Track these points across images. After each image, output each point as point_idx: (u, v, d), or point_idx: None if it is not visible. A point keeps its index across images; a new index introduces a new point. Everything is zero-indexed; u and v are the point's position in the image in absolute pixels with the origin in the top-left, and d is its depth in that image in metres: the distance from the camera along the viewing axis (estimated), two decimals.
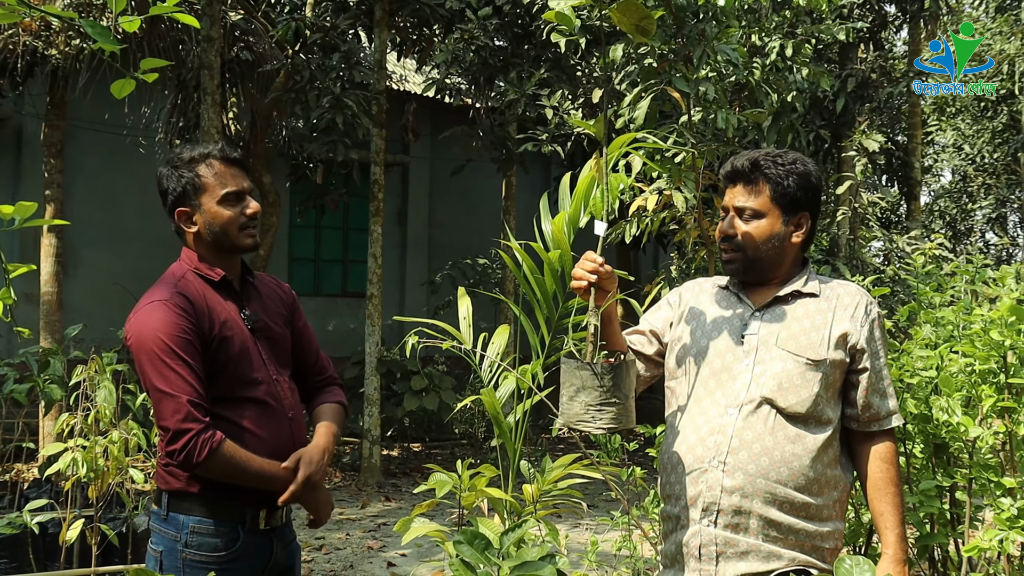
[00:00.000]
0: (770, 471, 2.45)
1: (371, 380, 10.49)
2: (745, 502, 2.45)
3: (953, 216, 22.22)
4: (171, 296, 2.71)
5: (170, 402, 2.63)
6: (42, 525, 5.33)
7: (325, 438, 2.91)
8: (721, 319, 2.64)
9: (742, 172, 2.57)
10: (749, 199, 2.56)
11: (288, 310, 3.04)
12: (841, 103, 12.09)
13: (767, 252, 2.57)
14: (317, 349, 3.13)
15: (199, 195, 2.78)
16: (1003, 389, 3.15)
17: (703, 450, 2.52)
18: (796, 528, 2.46)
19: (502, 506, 3.05)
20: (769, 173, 2.55)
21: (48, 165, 10.58)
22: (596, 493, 9.47)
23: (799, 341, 2.53)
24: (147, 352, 2.67)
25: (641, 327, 2.82)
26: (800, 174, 2.56)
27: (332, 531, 8.20)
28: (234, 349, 2.77)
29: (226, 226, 2.80)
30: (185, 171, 2.78)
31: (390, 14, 10.72)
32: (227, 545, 2.75)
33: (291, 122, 11.78)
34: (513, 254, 3.17)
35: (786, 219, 2.57)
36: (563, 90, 10.70)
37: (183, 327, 2.67)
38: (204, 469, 2.67)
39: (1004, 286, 3.58)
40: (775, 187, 2.55)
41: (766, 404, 2.49)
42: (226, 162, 2.80)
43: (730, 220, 2.60)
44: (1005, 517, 2.91)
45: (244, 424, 2.76)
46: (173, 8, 1.86)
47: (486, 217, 14.52)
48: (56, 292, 10.47)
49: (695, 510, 2.51)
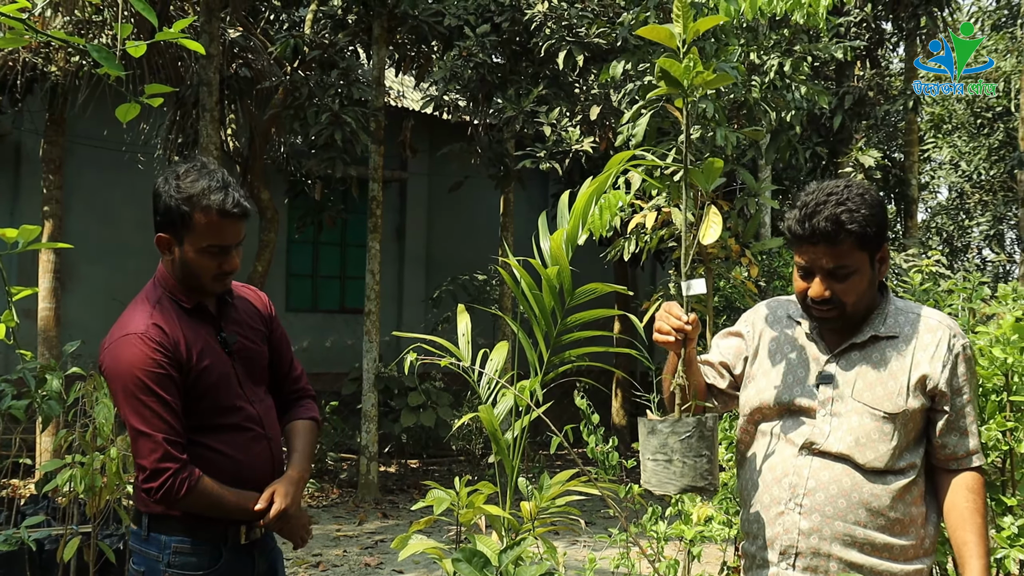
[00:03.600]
0: (848, 513, 2.40)
1: (369, 396, 10.48)
2: (824, 544, 2.40)
3: (950, 233, 22.26)
4: (146, 329, 2.66)
5: (147, 441, 2.62)
6: (39, 541, 5.32)
7: (298, 469, 2.91)
8: (797, 361, 2.54)
9: (826, 234, 2.38)
10: (839, 258, 2.40)
11: (265, 324, 3.01)
12: (838, 120, 12.14)
13: (866, 301, 2.47)
14: (291, 359, 3.11)
15: (182, 234, 2.69)
16: (1004, 407, 3.15)
17: (779, 491, 2.47)
18: (879, 570, 2.40)
19: (500, 523, 3.04)
20: (853, 229, 2.37)
21: (47, 181, 10.59)
22: (594, 510, 9.45)
23: (875, 392, 2.44)
24: (123, 387, 2.64)
25: (711, 357, 2.71)
26: (874, 212, 2.41)
27: (329, 548, 8.17)
28: (212, 378, 2.74)
29: (200, 272, 2.73)
30: (183, 205, 2.66)
31: (388, 31, 10.76)
32: (209, 564, 2.76)
33: (289, 138, 11.81)
34: (511, 270, 3.18)
35: (872, 259, 2.45)
36: (561, 107, 10.73)
37: (158, 362, 2.63)
38: (183, 505, 2.67)
39: (1005, 304, 3.58)
40: (860, 238, 2.39)
41: (842, 461, 2.43)
42: (223, 215, 2.67)
43: (823, 282, 2.43)
44: (1006, 535, 2.91)
45: (223, 450, 2.76)
46: (179, 35, 1.86)
47: (484, 233, 14.53)
48: (54, 308, 10.47)
49: (772, 552, 2.47)
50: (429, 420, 11.84)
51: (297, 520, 2.90)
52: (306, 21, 11.24)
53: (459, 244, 14.97)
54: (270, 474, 2.87)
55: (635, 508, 4.70)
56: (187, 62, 10.42)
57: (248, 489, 2.80)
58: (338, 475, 11.36)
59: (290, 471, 2.90)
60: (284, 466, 2.94)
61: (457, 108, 11.92)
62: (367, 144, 10.37)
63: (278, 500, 2.79)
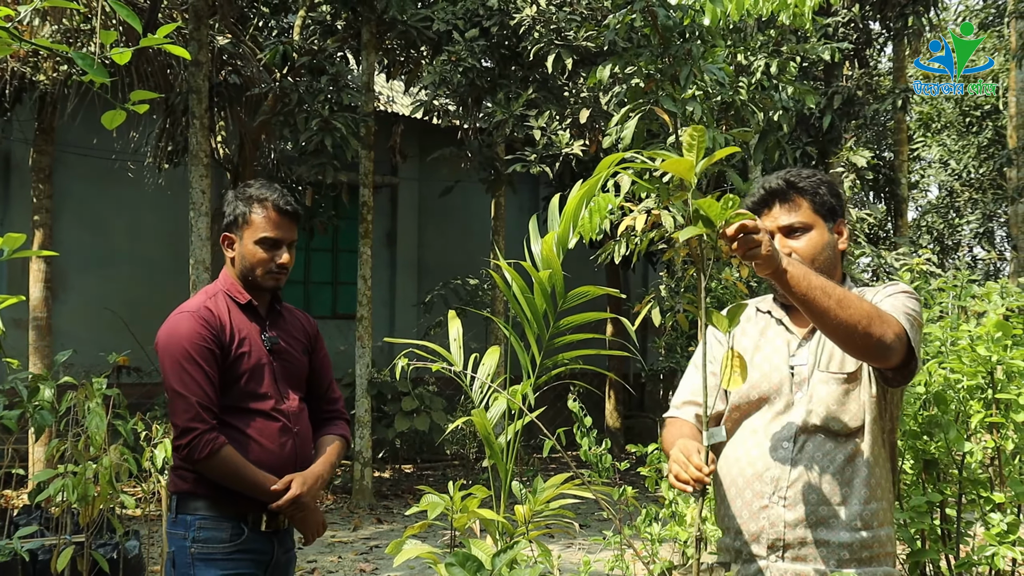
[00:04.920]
0: (832, 495, 2.46)
1: (362, 402, 10.48)
2: (810, 532, 2.46)
3: (940, 231, 22.31)
4: (198, 308, 3.04)
5: (181, 402, 2.93)
6: (32, 552, 5.31)
7: (321, 466, 3.17)
8: (770, 349, 2.61)
9: (777, 191, 2.56)
10: (792, 215, 2.55)
11: (309, 340, 3.31)
12: (827, 120, 12.17)
13: (823, 263, 2.53)
14: (331, 381, 3.40)
15: (242, 229, 3.10)
16: (991, 404, 3.16)
17: (762, 485, 2.51)
18: (867, 543, 2.46)
19: (494, 527, 3.04)
20: (803, 186, 2.55)
21: (36, 190, 10.57)
22: (588, 513, 9.46)
23: (835, 358, 2.51)
24: (169, 356, 2.98)
25: (695, 398, 2.71)
26: (827, 183, 2.58)
27: (324, 554, 8.16)
28: (248, 364, 3.05)
29: (254, 265, 3.09)
30: (242, 204, 3.09)
31: (378, 36, 10.76)
32: (231, 538, 3.01)
33: (279, 145, 11.80)
34: (503, 274, 3.18)
35: (829, 227, 2.57)
36: (551, 111, 10.74)
37: (204, 336, 2.98)
38: (204, 467, 2.94)
39: (990, 302, 3.60)
40: (813, 198, 2.55)
41: (820, 432, 2.48)
42: (279, 211, 3.09)
43: (781, 242, 2.54)
44: (995, 532, 2.92)
45: (250, 433, 3.03)
46: (164, 40, 1.87)
47: (475, 238, 14.53)
48: (45, 317, 10.45)
49: (759, 546, 2.50)
50: (423, 425, 11.83)
51: (311, 514, 3.14)
52: (295, 27, 11.24)
53: (450, 248, 14.96)
54: (293, 466, 3.10)
55: (629, 510, 4.70)
56: (176, 70, 10.40)
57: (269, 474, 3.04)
58: (332, 481, 11.35)
59: (313, 466, 3.16)
60: (308, 465, 3.17)
61: (447, 113, 11.92)
62: (357, 150, 10.37)
63: (295, 487, 3.03)
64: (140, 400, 10.10)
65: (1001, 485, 3.19)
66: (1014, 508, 3.25)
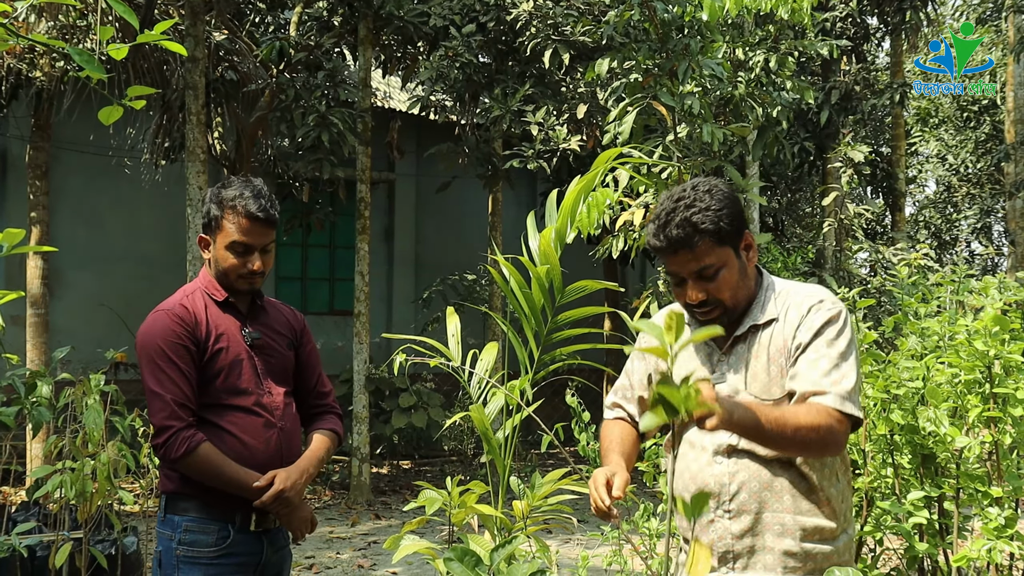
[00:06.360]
0: (774, 503, 2.44)
1: (359, 398, 10.47)
2: (757, 540, 2.45)
3: (938, 226, 22.33)
4: (173, 307, 3.00)
5: (157, 401, 2.90)
6: (31, 548, 5.30)
7: (307, 461, 3.11)
8: (694, 364, 2.56)
9: (681, 240, 2.40)
10: (702, 259, 2.42)
11: (294, 334, 3.26)
12: (825, 115, 12.18)
13: (742, 291, 2.49)
14: (320, 375, 3.32)
15: (215, 233, 3.03)
16: (988, 399, 3.17)
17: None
18: (813, 553, 2.44)
19: (492, 522, 3.04)
20: (707, 228, 2.39)
21: (33, 187, 10.56)
22: (586, 508, 9.45)
23: (761, 381, 2.46)
24: (146, 356, 2.95)
25: (635, 387, 2.73)
26: (726, 206, 2.43)
27: (322, 550, 8.17)
28: (227, 359, 3.00)
29: (226, 270, 3.03)
30: (215, 207, 3.01)
31: (374, 32, 10.74)
32: (217, 542, 2.96)
33: (276, 141, 11.78)
34: (501, 269, 3.18)
35: (736, 251, 2.47)
36: (548, 106, 10.73)
37: (178, 333, 2.94)
38: (182, 465, 2.90)
39: (988, 297, 3.60)
40: (717, 234, 2.41)
41: (750, 456, 2.46)
42: (250, 218, 2.99)
43: (695, 286, 2.45)
44: (993, 527, 2.92)
45: (230, 430, 2.98)
46: (161, 37, 1.86)
47: (473, 233, 14.51)
48: (43, 314, 10.44)
49: (712, 558, 2.49)
50: (420, 421, 11.83)
51: (297, 511, 3.07)
52: (291, 23, 11.22)
53: (448, 244, 14.95)
54: (278, 462, 3.04)
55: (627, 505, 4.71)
56: (172, 66, 10.38)
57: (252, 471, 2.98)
58: (330, 477, 11.35)
59: (298, 461, 3.09)
60: (295, 460, 3.10)
61: (444, 108, 11.91)
62: (354, 146, 10.36)
63: (278, 482, 2.97)
64: (138, 396, 10.02)
65: (999, 480, 3.20)
66: (1011, 503, 3.25)
